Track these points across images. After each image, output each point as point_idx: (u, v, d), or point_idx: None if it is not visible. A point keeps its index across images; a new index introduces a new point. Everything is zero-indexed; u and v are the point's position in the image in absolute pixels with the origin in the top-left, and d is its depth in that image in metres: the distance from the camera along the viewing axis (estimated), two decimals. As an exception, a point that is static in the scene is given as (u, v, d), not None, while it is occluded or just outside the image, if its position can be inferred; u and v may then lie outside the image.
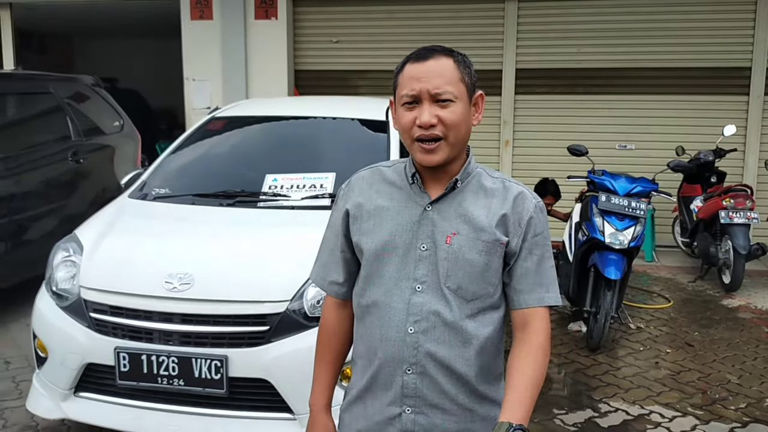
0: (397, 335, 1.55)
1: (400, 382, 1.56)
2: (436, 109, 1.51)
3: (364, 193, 1.64)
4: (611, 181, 4.92)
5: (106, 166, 6.18)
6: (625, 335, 5.00)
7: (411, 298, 1.55)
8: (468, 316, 1.55)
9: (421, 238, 1.56)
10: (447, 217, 1.56)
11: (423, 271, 1.55)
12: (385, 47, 7.67)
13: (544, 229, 1.60)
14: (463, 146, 1.58)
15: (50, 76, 6.04)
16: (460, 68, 1.54)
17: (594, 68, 7.43)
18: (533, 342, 1.55)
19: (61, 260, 3.38)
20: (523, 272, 1.58)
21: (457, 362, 1.54)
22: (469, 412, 1.58)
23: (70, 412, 3.21)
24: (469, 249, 1.54)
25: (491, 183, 1.61)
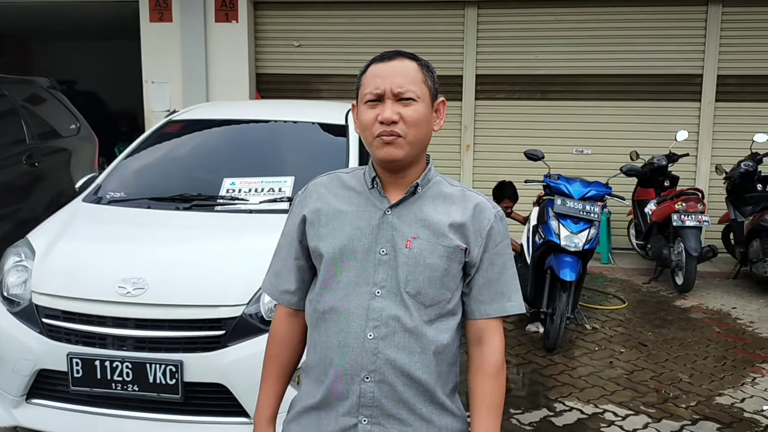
0: (356, 341, 1.52)
1: (357, 390, 1.53)
2: (399, 107, 1.52)
3: (322, 198, 1.63)
4: (567, 185, 5.02)
5: (62, 169, 6.07)
6: (581, 336, 5.10)
7: (370, 303, 1.53)
8: (426, 322, 1.53)
9: (380, 242, 1.55)
10: (407, 222, 1.56)
11: (382, 276, 1.54)
12: (346, 52, 7.70)
13: (504, 238, 1.61)
14: (423, 148, 1.59)
15: (5, 78, 5.91)
16: (424, 71, 1.57)
17: (551, 74, 7.57)
18: (491, 364, 1.58)
19: (12, 265, 3.31)
20: (485, 282, 1.59)
21: (417, 369, 1.53)
22: (426, 423, 1.56)
23: (21, 419, 3.15)
24: (429, 253, 1.53)
25: (451, 190, 1.62)
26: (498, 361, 1.58)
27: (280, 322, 1.72)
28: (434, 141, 6.50)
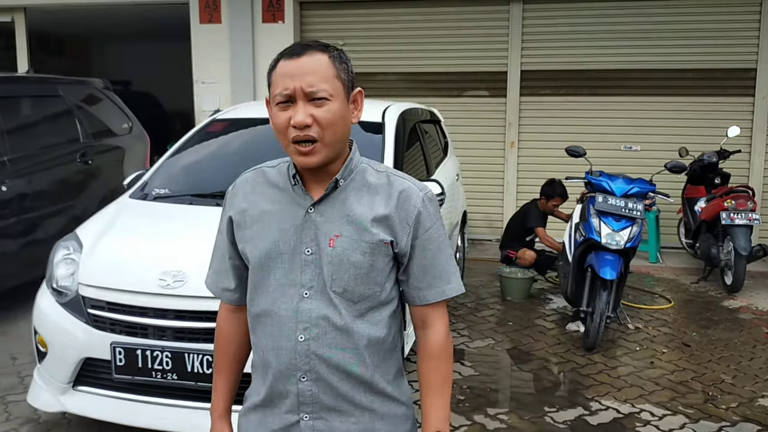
0: (288, 344, 1.51)
1: (295, 390, 1.53)
2: (311, 109, 1.43)
3: (248, 198, 1.59)
4: (608, 182, 4.95)
5: (114, 167, 6.31)
6: (623, 335, 5.03)
7: (299, 305, 1.51)
8: (357, 317, 1.51)
9: (305, 242, 1.51)
10: (330, 219, 1.51)
11: (309, 276, 1.51)
12: (391, 49, 7.75)
13: (435, 221, 1.55)
14: (342, 145, 1.51)
15: (60, 80, 6.18)
16: (336, 64, 1.47)
17: (599, 69, 7.45)
18: (434, 346, 1.58)
19: (62, 258, 3.49)
20: (420, 269, 1.55)
21: (351, 365, 1.52)
22: (369, 412, 1.56)
23: (68, 405, 3.32)
24: (352, 251, 1.49)
25: (376, 178, 1.55)
26: (441, 342, 1.58)
27: (223, 318, 1.72)
28: (478, 138, 6.54)
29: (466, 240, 6.52)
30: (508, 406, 3.88)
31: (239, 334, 1.70)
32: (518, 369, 4.48)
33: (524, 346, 4.81)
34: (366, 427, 1.56)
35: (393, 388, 1.59)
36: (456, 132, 7.18)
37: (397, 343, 1.62)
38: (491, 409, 3.82)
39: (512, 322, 5.28)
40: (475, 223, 7.71)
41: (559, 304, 5.69)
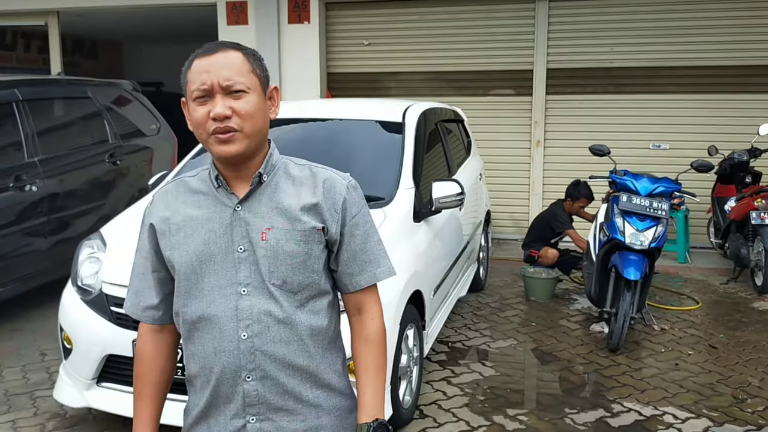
0: (231, 344, 1.49)
1: (241, 391, 1.50)
2: (230, 101, 1.45)
3: (170, 207, 1.57)
4: (633, 181, 4.88)
5: (142, 167, 6.43)
6: (649, 337, 4.96)
7: (238, 304, 1.49)
8: (298, 308, 1.52)
9: (236, 240, 1.50)
10: (259, 214, 1.51)
11: (245, 273, 1.50)
12: (416, 49, 7.75)
13: (361, 207, 1.58)
14: (261, 138, 1.51)
15: (90, 82, 6.31)
16: (250, 60, 1.50)
17: (626, 67, 7.35)
18: (369, 331, 1.59)
19: (86, 257, 3.57)
20: (350, 255, 1.57)
21: (297, 357, 1.51)
22: (315, 408, 1.55)
23: (92, 400, 3.39)
24: (286, 241, 1.50)
25: (298, 171, 1.57)
26: (376, 327, 1.59)
27: (144, 341, 1.65)
28: (503, 137, 6.51)
29: (490, 239, 6.50)
30: (528, 407, 3.86)
31: (162, 357, 1.65)
32: (540, 370, 4.45)
33: (547, 346, 4.77)
34: (313, 425, 1.55)
35: (339, 380, 1.59)
36: (481, 131, 7.16)
37: (340, 334, 1.63)
38: (511, 410, 3.80)
39: (535, 323, 5.24)
40: (501, 222, 7.67)
41: (584, 305, 5.64)
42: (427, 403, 3.84)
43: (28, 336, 4.89)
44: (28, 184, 5.02)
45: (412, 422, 3.64)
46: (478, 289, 5.90)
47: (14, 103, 5.11)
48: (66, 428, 3.59)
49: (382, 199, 3.79)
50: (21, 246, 4.99)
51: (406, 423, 3.59)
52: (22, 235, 5.00)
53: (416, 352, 3.72)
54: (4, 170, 4.92)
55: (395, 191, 3.86)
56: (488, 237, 6.37)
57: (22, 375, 4.25)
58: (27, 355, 4.56)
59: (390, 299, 3.30)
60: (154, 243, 1.58)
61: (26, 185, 5.01)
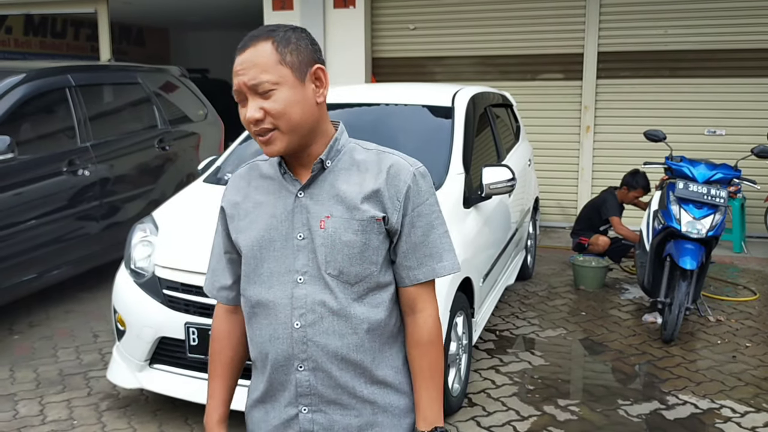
0: (285, 332, 1.47)
1: (294, 380, 1.48)
2: (260, 101, 1.40)
3: (241, 191, 1.57)
4: (690, 168, 4.73)
5: (190, 153, 6.49)
6: (704, 328, 4.81)
7: (293, 292, 1.47)
8: (355, 300, 1.46)
9: (297, 227, 1.47)
10: (320, 201, 1.47)
11: (303, 261, 1.47)
12: (462, 32, 7.63)
13: (427, 197, 1.49)
14: (307, 129, 1.44)
15: (139, 68, 6.38)
16: (279, 49, 1.40)
17: (681, 50, 7.11)
18: (423, 333, 1.50)
19: (139, 240, 3.61)
20: (410, 247, 1.49)
21: (350, 351, 1.47)
22: (370, 405, 1.50)
23: (144, 382, 3.44)
24: (344, 230, 1.45)
25: (364, 156, 1.50)
26: (433, 328, 1.51)
27: (219, 320, 1.67)
28: (551, 122, 6.36)
29: (537, 227, 6.38)
30: (580, 398, 3.78)
31: (235, 338, 1.65)
32: (591, 360, 4.35)
33: (597, 336, 4.67)
34: (368, 421, 1.51)
35: (397, 377, 1.53)
36: (529, 116, 7.03)
37: (401, 330, 1.55)
38: (562, 400, 3.73)
39: (585, 312, 5.13)
40: (548, 209, 7.53)
41: (635, 295, 5.50)
42: (475, 392, 3.80)
43: (81, 318, 5.00)
44: (81, 169, 5.11)
45: (461, 410, 3.60)
46: (525, 277, 5.80)
47: (67, 88, 5.19)
48: (119, 408, 3.65)
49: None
50: (74, 230, 5.09)
51: (456, 411, 3.55)
52: (75, 219, 5.09)
53: (465, 339, 3.68)
54: (58, 155, 5.01)
55: (445, 177, 3.80)
56: (536, 225, 6.26)
57: (76, 356, 4.34)
58: (80, 336, 4.66)
59: (441, 286, 3.25)
60: (225, 226, 1.59)
61: (79, 170, 5.09)
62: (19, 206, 4.60)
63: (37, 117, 5.02)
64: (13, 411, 3.65)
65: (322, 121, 1.47)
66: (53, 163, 4.93)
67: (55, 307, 5.17)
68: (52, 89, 5.10)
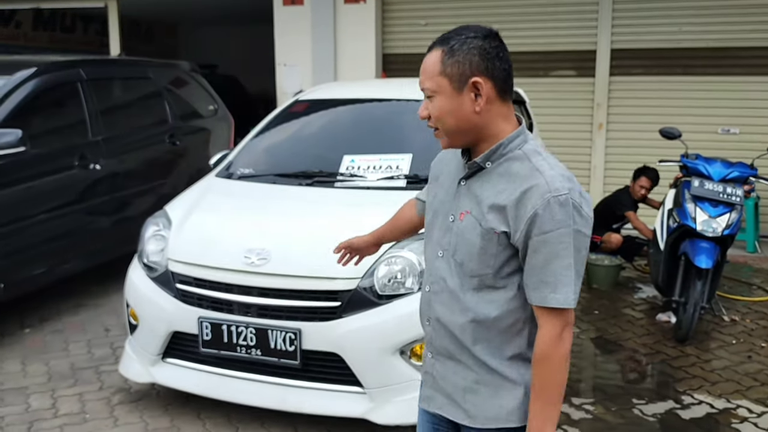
0: (423, 292, 1.75)
1: (425, 329, 1.76)
2: (428, 102, 1.59)
3: (442, 162, 1.79)
4: (705, 166, 4.68)
5: (201, 148, 6.47)
6: (718, 327, 4.77)
7: (434, 262, 1.70)
8: (469, 290, 1.61)
9: (452, 209, 1.66)
10: (468, 195, 1.62)
11: (446, 240, 1.66)
12: (474, 29, 7.56)
13: (559, 226, 1.49)
14: (465, 133, 1.57)
15: (150, 62, 6.37)
16: (444, 60, 1.54)
17: (696, 48, 7.03)
18: (536, 350, 1.56)
19: (152, 234, 3.59)
20: (529, 269, 1.54)
21: (454, 327, 1.65)
22: (473, 373, 1.66)
23: (157, 376, 3.43)
24: (471, 230, 1.59)
25: (520, 168, 1.55)
26: (541, 349, 1.55)
27: (408, 206, 2.09)
28: (563, 119, 6.28)
29: (549, 225, 6.33)
30: (594, 397, 3.74)
31: (403, 221, 2.10)
32: (604, 359, 4.31)
33: (611, 335, 4.63)
34: (470, 386, 1.67)
35: (499, 364, 1.64)
36: (541, 113, 6.96)
37: (521, 331, 1.62)
38: (576, 399, 3.70)
39: (598, 311, 5.09)
40: (559, 207, 7.47)
41: (649, 294, 5.45)
42: (489, 389, 3.76)
43: (92, 312, 4.99)
44: (92, 163, 5.09)
45: (475, 408, 3.56)
46: (537, 275, 5.75)
47: (79, 82, 5.18)
48: (130, 403, 3.64)
49: (446, 180, 3.70)
50: (84, 224, 5.07)
51: (469, 409, 3.52)
52: (86, 213, 5.08)
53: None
54: (69, 149, 4.99)
55: (459, 172, 3.76)
56: (548, 222, 6.21)
57: (87, 349, 4.33)
58: (91, 330, 4.65)
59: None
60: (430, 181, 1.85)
61: (90, 164, 5.08)
62: (30, 199, 4.59)
63: (48, 111, 5.00)
64: (26, 404, 3.64)
65: (487, 126, 1.57)
66: (65, 157, 4.92)
67: (65, 301, 5.16)
68: (63, 83, 5.09)
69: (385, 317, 3.03)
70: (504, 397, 1.63)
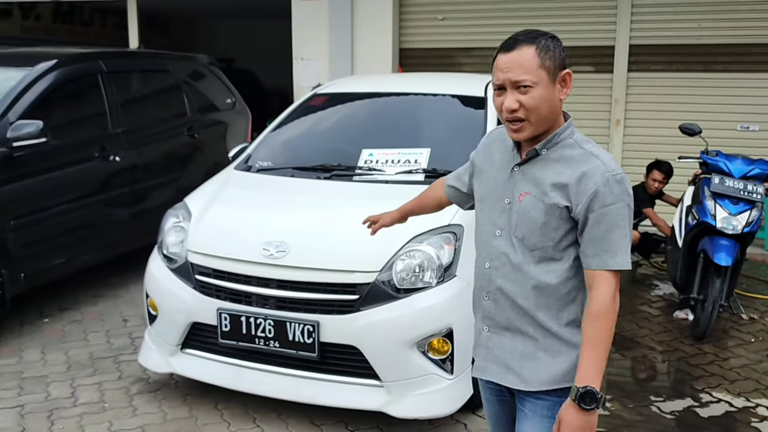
0: (480, 269, 1.93)
1: (483, 305, 1.93)
2: (518, 95, 1.74)
3: (488, 148, 2.00)
4: (726, 163, 4.64)
5: (218, 141, 6.49)
6: (736, 326, 4.73)
7: (491, 241, 1.88)
8: (530, 262, 1.82)
9: (506, 193, 1.86)
10: (525, 179, 1.83)
11: (503, 220, 1.86)
12: (491, 24, 7.54)
13: (616, 201, 1.73)
14: (549, 122, 1.78)
15: (169, 55, 6.39)
16: (541, 55, 1.74)
17: (714, 44, 6.96)
18: (592, 309, 1.75)
19: (172, 226, 3.61)
20: (590, 239, 1.76)
21: (518, 297, 1.84)
22: (532, 340, 1.85)
23: (176, 366, 3.46)
24: (532, 208, 1.80)
25: (574, 152, 1.79)
26: (598, 307, 1.73)
27: (437, 185, 2.32)
28: (581, 115, 6.21)
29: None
30: (611, 394, 3.73)
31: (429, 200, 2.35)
32: (621, 356, 4.29)
33: (628, 332, 4.61)
34: (529, 352, 1.86)
35: (559, 327, 1.84)
36: (558, 109, 6.93)
37: (576, 297, 1.84)
38: (593, 395, 3.68)
39: (614, 307, 5.06)
40: (575, 204, 7.43)
41: (666, 291, 5.42)
42: (505, 385, 3.76)
43: (110, 302, 5.03)
44: (112, 155, 5.13)
45: (491, 403, 3.57)
46: (553, 271, 5.73)
47: (99, 74, 5.21)
48: (149, 392, 3.67)
49: (465, 174, 3.69)
50: (104, 215, 5.12)
51: (485, 403, 3.52)
52: (105, 205, 5.12)
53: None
54: (90, 140, 5.04)
55: (478, 167, 3.76)
56: (564, 218, 6.19)
57: (106, 339, 4.37)
58: (110, 320, 4.70)
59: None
60: (468, 169, 2.12)
61: (110, 156, 5.12)
62: (50, 190, 4.63)
63: (69, 102, 5.04)
64: (45, 393, 3.68)
65: (558, 115, 1.81)
66: (85, 149, 4.97)
67: (84, 292, 5.21)
68: (83, 75, 5.12)
69: (403, 311, 3.04)
70: (561, 360, 1.83)
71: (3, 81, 4.61)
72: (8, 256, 4.29)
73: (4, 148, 4.27)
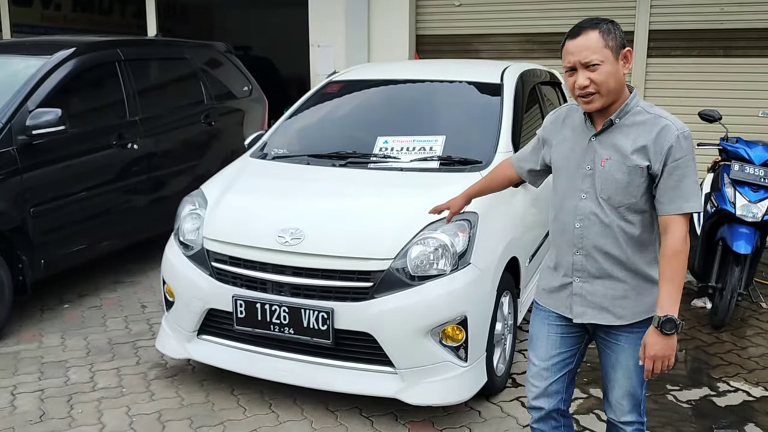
0: (569, 228, 2.19)
1: (571, 260, 2.21)
2: (588, 73, 2.04)
3: (555, 125, 2.29)
4: (746, 149, 4.57)
5: (235, 128, 6.51)
6: (755, 315, 4.68)
7: (578, 204, 2.17)
8: (617, 217, 2.11)
9: (586, 161, 2.15)
10: (604, 146, 2.12)
11: (587, 185, 2.14)
12: (508, 9, 7.47)
13: (686, 154, 2.03)
14: (616, 94, 2.07)
15: (186, 43, 6.41)
16: (604, 37, 2.03)
17: (737, 29, 6.84)
18: (668, 248, 2.04)
19: (188, 213, 3.64)
20: (665, 189, 2.05)
21: (610, 248, 2.13)
22: (622, 283, 2.15)
23: (193, 352, 3.50)
24: (616, 170, 2.09)
25: (644, 118, 2.08)
26: (675, 246, 2.03)
27: (505, 165, 2.63)
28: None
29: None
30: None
31: (501, 177, 2.66)
32: (637, 344, 4.27)
33: (644, 320, 4.57)
34: (619, 294, 2.17)
35: (645, 267, 2.15)
36: (576, 96, 6.87)
37: (654, 241, 2.16)
38: (608, 383, 3.67)
39: (631, 295, 5.03)
40: (593, 191, 7.37)
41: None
42: (519, 372, 3.76)
43: (129, 289, 5.09)
44: (130, 143, 5.17)
45: (505, 390, 3.57)
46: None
47: (117, 62, 5.24)
48: (166, 378, 3.72)
49: (480, 162, 3.68)
50: (122, 202, 5.16)
51: (500, 390, 3.53)
52: (123, 192, 5.17)
53: (510, 320, 3.64)
54: (108, 128, 5.07)
55: (493, 155, 3.74)
56: (581, 206, 6.15)
57: (125, 325, 4.43)
58: (128, 306, 4.75)
59: (488, 264, 3.22)
60: (539, 146, 2.39)
61: (128, 143, 5.16)
62: (69, 178, 4.68)
63: (87, 90, 5.08)
64: (65, 377, 3.74)
65: (623, 88, 2.10)
66: (103, 137, 5.01)
67: (103, 278, 5.28)
68: (102, 63, 5.15)
69: (417, 298, 3.04)
70: (649, 295, 2.14)
71: (22, 69, 4.66)
72: (28, 243, 4.35)
73: (23, 136, 4.32)
